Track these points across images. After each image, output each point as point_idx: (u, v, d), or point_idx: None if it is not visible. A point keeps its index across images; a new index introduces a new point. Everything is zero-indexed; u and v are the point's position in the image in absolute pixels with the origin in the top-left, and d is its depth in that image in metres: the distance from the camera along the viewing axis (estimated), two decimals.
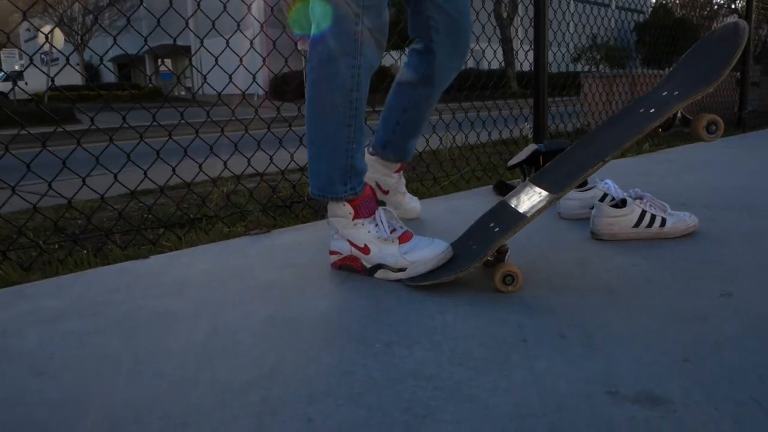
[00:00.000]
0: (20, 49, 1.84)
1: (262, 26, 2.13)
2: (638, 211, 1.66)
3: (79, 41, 26.60)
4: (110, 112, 1.89)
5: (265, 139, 2.19)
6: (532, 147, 2.36)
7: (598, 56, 32.38)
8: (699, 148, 3.72)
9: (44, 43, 1.71)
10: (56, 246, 1.90)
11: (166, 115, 2.00)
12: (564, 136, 4.92)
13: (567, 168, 1.32)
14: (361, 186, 1.39)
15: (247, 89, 2.18)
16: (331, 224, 1.44)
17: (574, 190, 1.87)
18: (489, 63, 3.36)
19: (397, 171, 1.89)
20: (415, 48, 1.68)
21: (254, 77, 2.17)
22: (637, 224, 1.66)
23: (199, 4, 1.94)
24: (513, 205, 1.38)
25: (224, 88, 2.10)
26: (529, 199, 1.34)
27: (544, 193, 1.30)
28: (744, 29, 1.25)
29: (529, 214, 1.25)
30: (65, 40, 20.05)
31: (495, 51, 3.90)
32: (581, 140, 1.44)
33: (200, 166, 2.03)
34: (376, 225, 1.39)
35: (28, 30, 32.82)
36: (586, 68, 32.18)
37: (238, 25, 2.11)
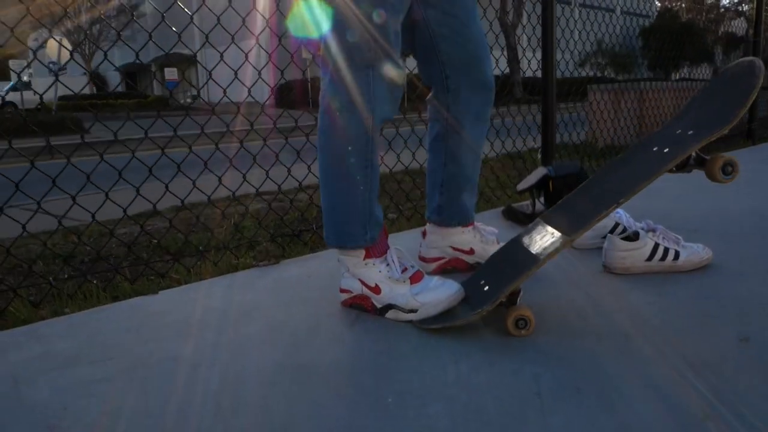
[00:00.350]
0: (32, 51, 1.83)
1: (260, 36, 2.13)
2: (651, 245, 1.65)
3: (87, 52, 26.80)
4: (117, 121, 1.89)
5: (274, 151, 2.18)
6: (541, 170, 2.35)
7: (604, 62, 32.38)
8: None
9: (57, 54, 1.70)
10: (65, 275, 1.90)
11: (172, 124, 1.97)
12: (571, 148, 4.90)
13: (580, 208, 1.31)
14: (379, 231, 1.38)
15: (266, 101, 2.18)
16: (341, 261, 1.43)
17: None
18: (498, 65, 3.32)
19: (467, 226, 1.67)
20: (432, 97, 1.58)
21: (271, 87, 2.16)
22: (650, 258, 1.64)
23: (193, 18, 1.94)
24: (525, 244, 1.37)
25: (245, 98, 2.10)
26: (542, 239, 1.33)
27: (557, 234, 1.29)
28: (760, 68, 1.24)
29: (541, 257, 1.24)
30: (73, 50, 20.19)
31: (497, 59, 3.89)
32: (595, 177, 1.43)
33: (216, 188, 2.03)
34: (388, 265, 1.38)
35: (36, 40, 33.11)
36: (592, 73, 32.12)
37: (231, 36, 2.10)
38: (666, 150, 1.29)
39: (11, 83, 28.35)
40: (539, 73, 2.77)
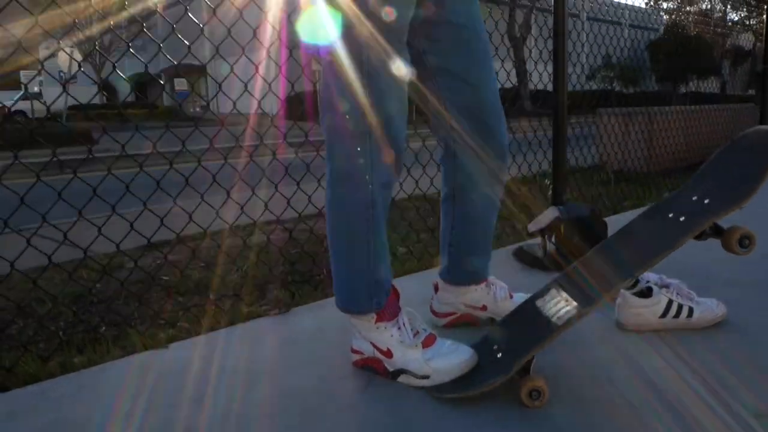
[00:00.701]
0: (41, 62, 1.83)
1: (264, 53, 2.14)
2: (665, 301, 1.63)
3: (97, 62, 27.04)
4: (126, 132, 1.88)
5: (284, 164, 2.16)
6: (552, 212, 2.34)
7: (612, 74, 32.36)
8: None
9: (68, 65, 1.69)
10: (74, 321, 1.91)
11: (182, 136, 1.96)
12: (581, 171, 4.87)
13: (596, 277, 1.29)
14: (386, 297, 1.37)
15: (277, 113, 2.18)
16: (352, 324, 1.43)
17: None
18: (509, 78, 3.30)
19: (479, 284, 1.64)
20: (441, 156, 1.54)
21: (281, 99, 2.17)
22: (664, 315, 1.63)
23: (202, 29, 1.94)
24: (539, 310, 1.36)
25: (255, 110, 2.10)
26: (556, 306, 1.32)
27: (573, 303, 1.28)
28: None
29: (554, 329, 1.23)
30: (83, 59, 20.37)
31: (509, 72, 3.87)
32: (612, 240, 1.42)
33: (213, 216, 2.03)
34: (399, 329, 1.37)
35: (47, 48, 33.41)
36: (600, 86, 32.09)
37: (241, 48, 2.09)
38: (682, 219, 1.28)
39: (21, 93, 28.59)
40: (547, 85, 2.77)
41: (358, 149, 1.24)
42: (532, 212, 3.09)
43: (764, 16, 4.93)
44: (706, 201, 1.28)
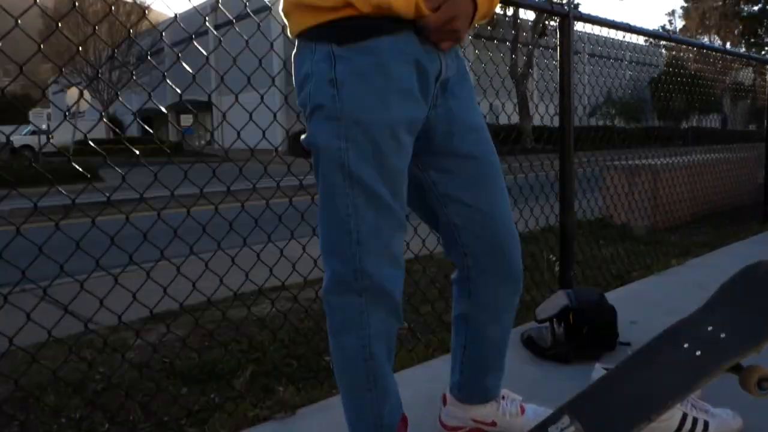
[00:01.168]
0: (50, 100, 1.83)
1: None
2: (679, 415, 1.59)
3: (105, 98, 27.42)
4: (134, 167, 1.84)
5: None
6: (561, 299, 2.32)
7: (614, 111, 32.67)
8: (728, 260, 3.56)
9: (73, 104, 1.67)
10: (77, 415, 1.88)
11: (190, 172, 1.88)
12: (586, 225, 4.83)
13: (609, 419, 1.27)
14: None
15: (279, 144, 2.16)
16: None
17: None
18: (509, 116, 3.28)
19: (489, 401, 1.57)
20: (454, 277, 1.47)
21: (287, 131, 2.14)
22: (679, 429, 1.59)
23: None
24: None
25: (257, 143, 2.10)
26: None
27: None
28: None
29: None
30: (92, 96, 20.69)
31: (514, 106, 3.88)
32: (623, 370, 1.40)
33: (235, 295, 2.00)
34: None
35: (57, 83, 34.01)
36: (601, 122, 32.35)
37: (246, 77, 2.09)
38: (698, 353, 1.26)
39: (28, 128, 28.96)
40: (546, 121, 2.80)
41: (351, 304, 1.20)
42: (539, 288, 3.07)
43: None
44: (722, 335, 1.26)
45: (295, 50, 1.21)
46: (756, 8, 53.63)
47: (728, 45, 57.25)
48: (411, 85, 1.15)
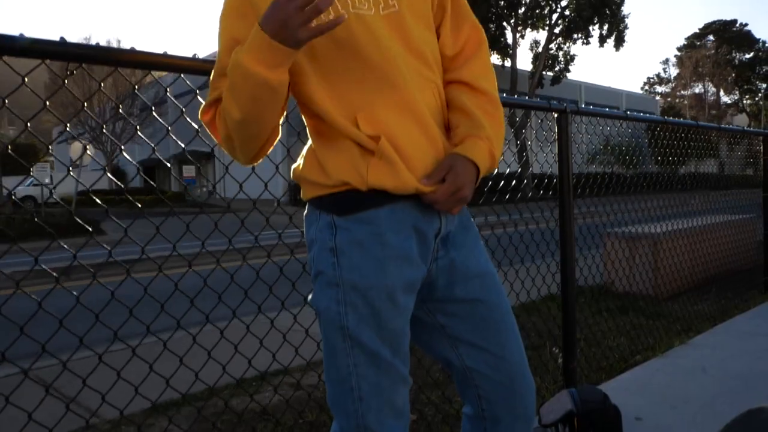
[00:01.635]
0: (54, 155, 1.81)
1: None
2: None
3: (109, 149, 27.77)
4: (137, 218, 1.79)
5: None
6: (566, 401, 2.27)
7: (612, 159, 33.01)
8: (731, 339, 3.41)
9: (77, 159, 1.62)
10: None
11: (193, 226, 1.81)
12: (588, 291, 4.74)
13: None
14: None
15: (282, 195, 2.12)
16: None
17: None
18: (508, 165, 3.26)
19: None
20: (467, 412, 1.39)
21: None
22: None
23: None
24: None
25: (260, 194, 2.07)
26: None
27: None
28: None
29: None
30: (95, 148, 20.97)
31: (513, 155, 3.88)
32: None
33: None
34: None
35: (61, 133, 34.50)
36: (600, 170, 32.71)
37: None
38: None
39: (31, 178, 29.27)
40: (545, 168, 2.80)
41: None
42: (543, 378, 3.00)
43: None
44: None
45: (306, 211, 1.23)
46: (748, 56, 55.01)
47: (722, 92, 58.45)
48: (409, 250, 1.16)
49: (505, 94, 2.23)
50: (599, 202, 3.97)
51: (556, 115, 2.52)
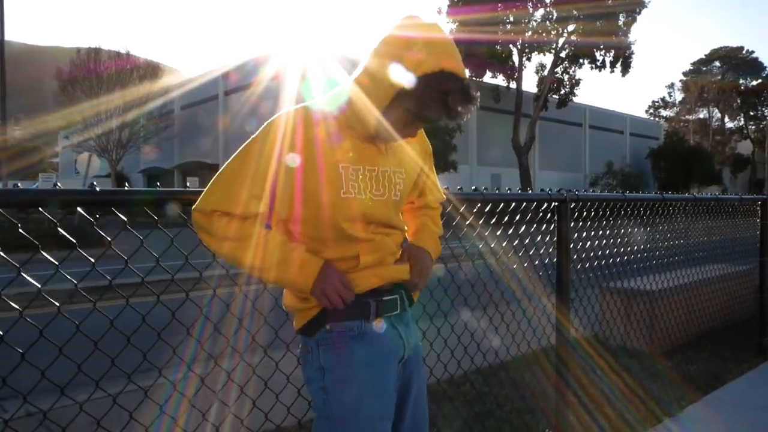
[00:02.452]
0: (57, 173, 1.79)
1: None
2: None
3: (114, 157, 27.82)
4: (141, 230, 1.70)
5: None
6: None
7: (614, 182, 33.04)
8: (726, 410, 3.34)
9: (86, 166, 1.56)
10: None
11: (187, 238, 1.71)
12: (583, 345, 4.68)
13: None
14: None
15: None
16: None
17: None
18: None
19: None
20: None
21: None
22: None
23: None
24: None
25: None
26: None
27: None
28: None
29: None
30: (99, 156, 21.03)
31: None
32: None
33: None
34: None
35: (67, 138, 34.60)
36: (603, 192, 32.53)
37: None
38: None
39: (36, 184, 29.28)
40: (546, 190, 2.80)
41: None
42: None
43: None
44: None
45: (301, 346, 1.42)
46: (755, 83, 55.05)
47: (726, 118, 58.41)
48: (385, 384, 1.36)
49: (508, 192, 2.23)
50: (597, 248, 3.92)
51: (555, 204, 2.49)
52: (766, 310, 4.45)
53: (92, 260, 1.52)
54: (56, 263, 1.48)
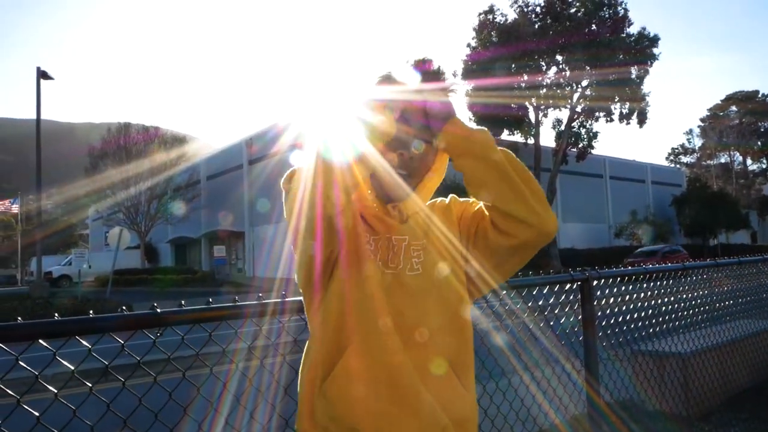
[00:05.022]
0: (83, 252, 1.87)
1: None
2: None
3: (143, 230, 28.51)
4: (168, 299, 1.74)
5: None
6: None
7: (639, 231, 32.62)
8: None
9: (117, 241, 1.62)
10: None
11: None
12: (617, 410, 4.60)
13: None
14: None
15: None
16: None
17: None
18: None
19: None
20: None
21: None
22: None
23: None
24: None
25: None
26: None
27: None
28: None
29: None
30: (129, 230, 21.62)
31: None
32: None
33: None
34: None
35: (97, 211, 35.58)
36: (628, 243, 32.15)
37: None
38: None
39: (67, 258, 29.95)
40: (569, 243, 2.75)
41: None
42: None
43: None
44: None
45: None
46: None
47: (749, 160, 57.88)
48: None
49: (530, 275, 2.34)
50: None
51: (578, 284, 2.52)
52: None
53: (122, 342, 1.59)
54: (89, 346, 1.56)
